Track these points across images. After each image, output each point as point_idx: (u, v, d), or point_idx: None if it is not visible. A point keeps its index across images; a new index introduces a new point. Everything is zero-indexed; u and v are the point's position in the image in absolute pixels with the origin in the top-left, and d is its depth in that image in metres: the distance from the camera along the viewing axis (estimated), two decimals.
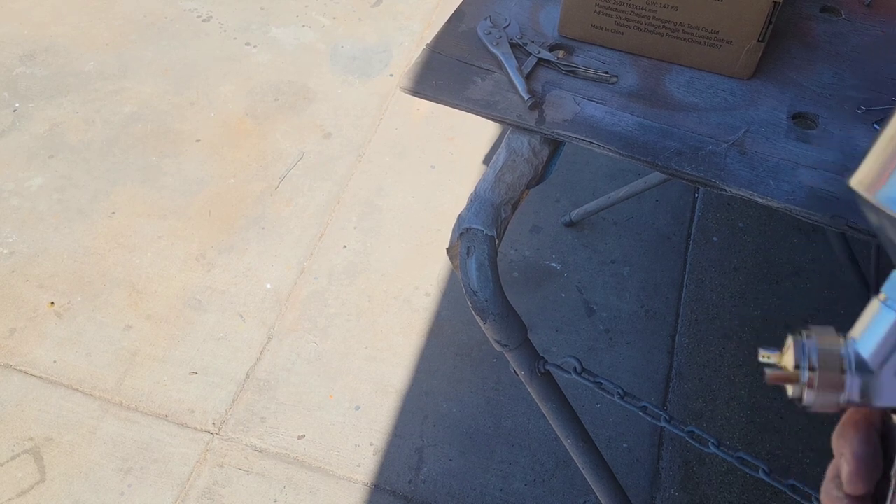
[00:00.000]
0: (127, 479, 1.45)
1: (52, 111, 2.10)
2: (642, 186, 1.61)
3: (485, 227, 0.77)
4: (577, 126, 0.81)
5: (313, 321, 1.68)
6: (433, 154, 2.01)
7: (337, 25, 2.35)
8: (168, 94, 2.15)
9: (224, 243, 1.82)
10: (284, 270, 1.77)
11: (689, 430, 0.84)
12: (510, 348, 0.85)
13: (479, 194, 0.79)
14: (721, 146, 0.80)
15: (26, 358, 1.61)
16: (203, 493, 1.44)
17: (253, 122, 2.08)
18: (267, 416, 1.54)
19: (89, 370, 1.60)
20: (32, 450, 1.48)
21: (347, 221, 1.87)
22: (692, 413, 1.54)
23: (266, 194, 1.92)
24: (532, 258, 1.79)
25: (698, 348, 1.63)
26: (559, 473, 1.47)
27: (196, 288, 1.74)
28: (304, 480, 1.45)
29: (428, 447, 1.50)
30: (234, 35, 2.32)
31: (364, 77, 2.20)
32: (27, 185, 1.93)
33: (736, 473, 1.45)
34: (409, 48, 2.28)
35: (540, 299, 1.71)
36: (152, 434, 1.51)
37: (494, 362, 1.61)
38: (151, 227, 1.85)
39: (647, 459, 1.48)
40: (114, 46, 2.28)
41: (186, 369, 1.61)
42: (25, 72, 2.20)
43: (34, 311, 1.69)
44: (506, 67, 0.85)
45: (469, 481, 1.46)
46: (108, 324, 1.67)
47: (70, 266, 1.77)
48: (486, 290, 0.77)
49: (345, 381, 1.59)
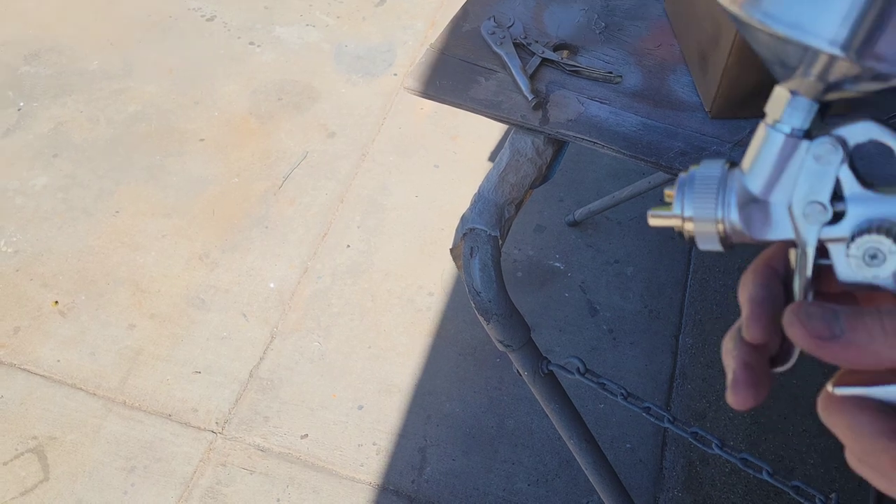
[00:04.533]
0: (130, 478, 1.45)
1: (57, 110, 2.11)
2: (646, 186, 1.61)
3: (488, 228, 0.77)
4: (580, 126, 0.81)
5: (316, 321, 1.68)
6: (437, 153, 2.01)
7: (341, 25, 2.35)
8: (172, 94, 2.15)
9: (227, 242, 1.82)
10: (288, 270, 1.77)
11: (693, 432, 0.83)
12: (513, 348, 0.85)
13: (482, 194, 0.79)
14: (725, 146, 0.79)
15: (30, 357, 1.61)
16: (206, 492, 1.44)
17: (257, 121, 2.09)
18: (270, 416, 1.54)
19: (93, 369, 1.60)
20: (36, 448, 1.49)
21: (351, 221, 1.87)
22: (695, 413, 1.53)
23: (270, 193, 1.92)
24: (535, 258, 1.78)
25: (702, 349, 1.63)
26: (562, 473, 1.47)
27: (199, 287, 1.74)
28: (307, 480, 1.45)
29: (431, 447, 1.50)
30: (238, 34, 2.32)
31: (368, 76, 2.20)
32: (31, 184, 1.93)
33: (739, 474, 1.45)
34: (413, 47, 2.28)
35: (543, 299, 1.71)
36: (156, 433, 1.51)
37: (498, 362, 1.61)
38: (155, 227, 1.85)
39: (651, 460, 1.48)
40: (118, 46, 2.29)
41: (190, 368, 1.61)
42: (30, 71, 2.21)
43: (38, 310, 1.69)
44: (509, 67, 0.85)
45: (472, 481, 1.46)
46: (111, 323, 1.67)
47: (74, 265, 1.77)
48: (489, 291, 0.77)
49: (348, 381, 1.59)
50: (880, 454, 0.28)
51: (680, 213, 0.31)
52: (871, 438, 0.28)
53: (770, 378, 0.32)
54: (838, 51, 0.25)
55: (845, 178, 0.29)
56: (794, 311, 0.29)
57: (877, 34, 0.25)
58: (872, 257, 0.28)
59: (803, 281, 0.30)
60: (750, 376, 0.31)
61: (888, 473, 0.28)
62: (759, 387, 0.31)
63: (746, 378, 0.31)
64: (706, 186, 0.31)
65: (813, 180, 0.29)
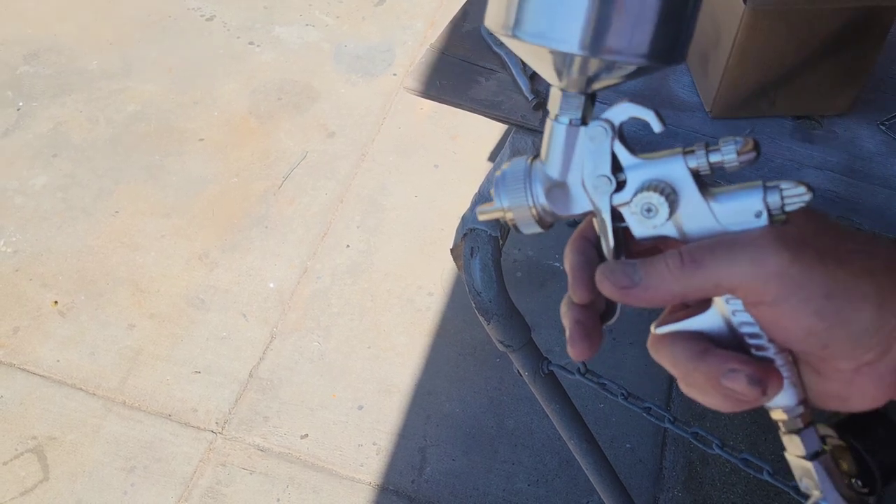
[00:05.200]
0: (130, 478, 1.45)
1: (56, 110, 2.10)
2: None
3: (488, 228, 0.77)
4: None
5: (316, 320, 1.68)
6: (437, 153, 2.01)
7: (340, 24, 2.35)
8: (171, 93, 2.15)
9: (227, 242, 1.82)
10: (287, 270, 1.77)
11: (694, 432, 0.83)
12: (514, 349, 0.85)
13: (483, 195, 0.79)
14: None
15: (30, 357, 1.61)
16: (206, 492, 1.44)
17: (256, 121, 2.08)
18: (270, 416, 1.54)
19: (93, 369, 1.60)
20: (36, 448, 1.49)
21: (351, 221, 1.86)
22: (695, 413, 1.53)
23: (269, 193, 1.92)
24: (535, 258, 1.78)
25: None
26: (562, 473, 1.47)
27: (199, 287, 1.74)
28: (307, 480, 1.45)
29: (431, 447, 1.50)
30: (237, 34, 2.32)
31: (367, 76, 2.20)
32: (31, 183, 1.93)
33: (739, 474, 1.45)
34: (413, 47, 2.28)
35: (543, 299, 1.71)
36: (155, 433, 1.51)
37: (498, 362, 1.61)
38: (155, 226, 1.85)
39: (651, 460, 1.48)
40: (118, 45, 2.28)
41: (189, 368, 1.61)
42: (29, 71, 2.20)
43: (38, 310, 1.69)
44: (510, 67, 0.85)
45: (472, 481, 1.46)
46: (111, 323, 1.67)
47: (73, 265, 1.77)
48: (489, 291, 0.77)
49: (348, 381, 1.59)
50: (694, 373, 0.33)
51: (500, 206, 0.37)
52: (685, 362, 0.33)
53: (600, 332, 0.37)
54: (579, 50, 0.31)
55: (619, 151, 0.34)
56: (601, 270, 0.34)
57: (603, 32, 0.30)
58: (648, 211, 0.33)
59: (607, 243, 0.35)
60: (581, 331, 0.36)
61: (704, 388, 0.33)
62: (591, 339, 0.36)
63: (579, 332, 0.36)
64: (515, 180, 0.36)
65: (594, 158, 0.34)
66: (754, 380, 0.31)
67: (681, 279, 0.32)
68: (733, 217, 0.32)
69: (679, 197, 0.33)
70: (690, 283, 0.32)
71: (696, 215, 0.33)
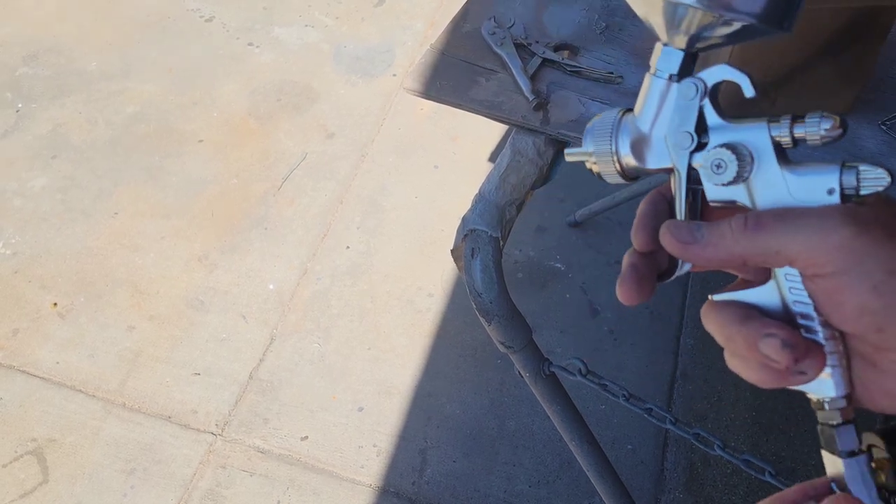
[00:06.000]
0: (130, 481, 1.45)
1: (55, 111, 2.10)
2: (647, 187, 1.61)
3: (489, 229, 0.76)
4: (581, 126, 0.81)
5: (316, 322, 1.68)
6: (437, 154, 2.01)
7: (340, 25, 2.35)
8: (171, 94, 2.15)
9: (227, 244, 1.82)
10: (287, 271, 1.77)
11: (695, 433, 0.83)
12: (515, 350, 0.85)
13: (483, 195, 0.79)
14: None
15: (29, 359, 1.61)
16: (206, 494, 1.43)
17: (256, 122, 2.08)
18: (270, 418, 1.54)
19: (92, 371, 1.59)
20: (35, 451, 1.48)
21: (350, 222, 1.86)
22: (697, 414, 1.53)
23: (269, 194, 1.91)
24: (537, 259, 1.78)
25: (703, 350, 1.62)
26: (563, 475, 1.46)
27: (199, 289, 1.73)
28: (308, 482, 1.45)
29: (431, 449, 1.50)
30: (236, 35, 2.32)
31: (367, 77, 2.20)
32: (30, 185, 1.93)
33: (741, 475, 1.45)
34: (413, 48, 2.27)
35: (544, 300, 1.71)
36: (155, 435, 1.51)
37: (498, 363, 1.61)
38: (154, 228, 1.84)
39: (652, 461, 1.48)
40: (117, 46, 2.28)
41: (189, 370, 1.60)
42: (28, 72, 2.20)
43: (37, 312, 1.69)
44: (510, 68, 0.85)
45: (473, 483, 1.45)
46: (110, 325, 1.67)
47: (73, 267, 1.77)
48: (490, 292, 0.77)
49: (348, 383, 1.59)
50: (736, 337, 0.33)
51: (586, 150, 0.39)
52: (728, 325, 0.33)
53: (652, 283, 0.37)
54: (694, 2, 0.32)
55: (708, 112, 0.35)
56: (666, 225, 0.35)
57: None
58: (718, 167, 0.34)
59: (679, 201, 0.36)
60: (635, 274, 0.37)
61: (745, 358, 0.33)
62: (642, 286, 0.37)
63: (632, 275, 0.37)
64: (603, 127, 0.38)
65: (681, 114, 0.35)
66: (787, 343, 0.31)
67: (741, 241, 0.32)
68: (806, 191, 0.32)
69: (757, 164, 0.33)
70: (751, 247, 0.32)
71: (769, 184, 0.33)
